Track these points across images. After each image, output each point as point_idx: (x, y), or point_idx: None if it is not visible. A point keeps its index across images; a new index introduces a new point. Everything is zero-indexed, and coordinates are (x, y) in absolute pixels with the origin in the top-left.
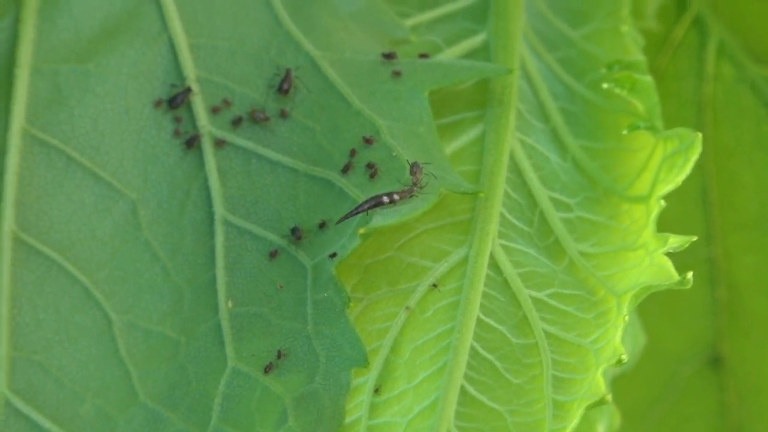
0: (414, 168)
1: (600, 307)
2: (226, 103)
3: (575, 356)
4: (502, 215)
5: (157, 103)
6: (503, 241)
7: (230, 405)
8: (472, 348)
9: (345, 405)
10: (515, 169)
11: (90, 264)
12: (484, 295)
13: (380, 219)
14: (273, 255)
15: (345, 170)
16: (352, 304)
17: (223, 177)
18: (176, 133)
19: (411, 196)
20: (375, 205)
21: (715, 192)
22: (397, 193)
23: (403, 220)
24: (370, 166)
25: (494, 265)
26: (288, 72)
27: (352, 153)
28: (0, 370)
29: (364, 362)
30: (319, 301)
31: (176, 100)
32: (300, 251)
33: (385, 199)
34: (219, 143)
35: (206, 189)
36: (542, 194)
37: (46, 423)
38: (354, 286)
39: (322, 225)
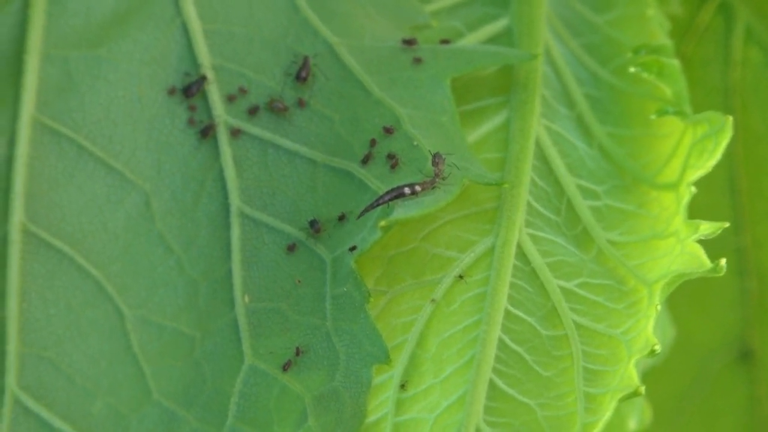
0: (436, 158)
1: (631, 297)
2: (242, 91)
3: (606, 347)
4: (528, 204)
5: (171, 91)
6: (530, 230)
7: (247, 404)
8: (501, 340)
9: (366, 403)
10: (541, 156)
11: (102, 257)
12: (512, 285)
13: (402, 211)
14: (291, 248)
15: (365, 161)
16: (375, 297)
17: (239, 167)
18: (191, 122)
19: (433, 188)
20: (396, 197)
21: (744, 180)
22: (419, 184)
23: (425, 213)
24: (390, 156)
25: (521, 254)
26: (306, 59)
27: (372, 143)
28: (9, 367)
29: (385, 359)
30: (338, 296)
31: (191, 90)
32: (319, 245)
33: (407, 190)
34: (235, 133)
35: (221, 180)
36: (569, 182)
37: (56, 421)
38: (377, 279)
39: (342, 217)
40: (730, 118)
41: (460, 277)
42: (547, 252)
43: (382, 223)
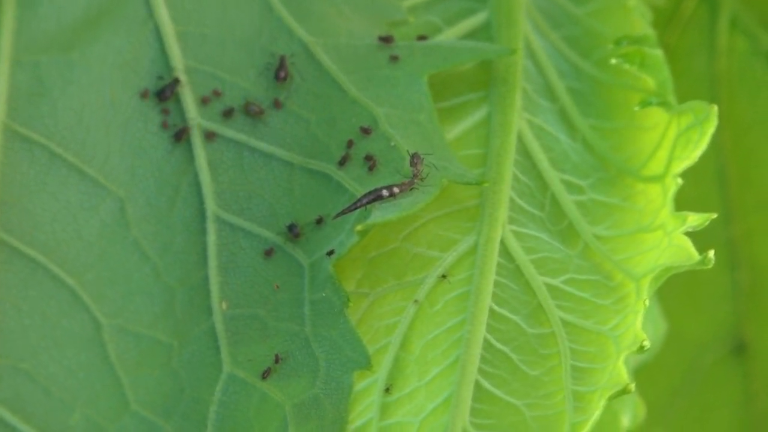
0: (414, 159)
1: (618, 292)
2: (216, 93)
3: (594, 344)
4: (511, 200)
5: (144, 94)
6: (514, 227)
7: (227, 413)
8: (486, 340)
9: (347, 410)
10: (524, 150)
11: (77, 265)
12: (496, 284)
13: (380, 214)
14: (268, 253)
15: (342, 162)
16: (357, 300)
17: (214, 171)
18: (164, 126)
19: (411, 189)
20: (374, 200)
21: (733, 170)
22: (396, 186)
23: (403, 215)
24: (368, 158)
25: (505, 252)
26: (283, 59)
27: (350, 144)
28: None
29: (366, 364)
30: (317, 301)
31: (165, 93)
32: (297, 249)
33: (385, 192)
34: (209, 136)
35: (196, 184)
36: (553, 176)
37: None
38: (359, 281)
39: (320, 221)
40: (715, 107)
41: (443, 276)
42: (531, 248)
43: (359, 227)
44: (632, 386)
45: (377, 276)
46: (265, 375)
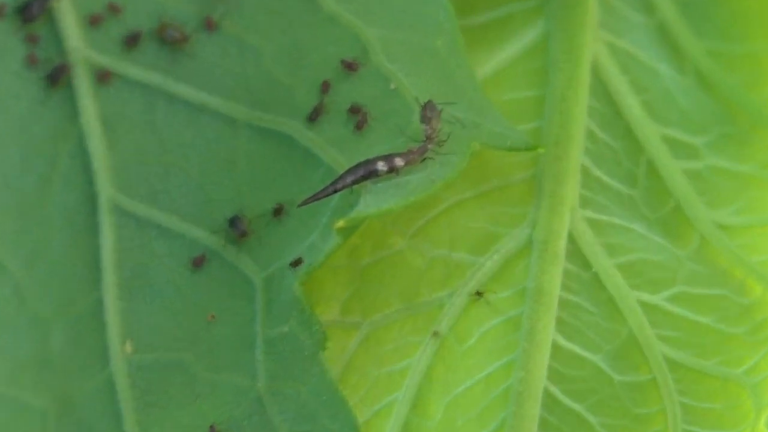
0: (428, 110)
1: (756, 314)
2: (113, 9)
3: (720, 398)
4: (584, 169)
5: None
6: (589, 213)
7: None
8: (548, 393)
9: None
10: (603, 91)
11: None
12: (563, 303)
13: (373, 201)
14: (197, 263)
15: (313, 117)
16: (342, 336)
17: (111, 133)
18: (31, 61)
19: (424, 160)
20: (365, 177)
21: None
22: (400, 155)
23: (411, 202)
24: (354, 109)
25: (577, 253)
26: None
27: (325, 87)
28: None
29: None
30: (275, 339)
31: (31, 11)
32: (243, 256)
33: (381, 166)
34: (102, 77)
35: (83, 155)
36: (650, 132)
37: None
38: (345, 304)
39: (279, 211)
40: None
41: (478, 294)
42: (617, 247)
43: (341, 222)
44: None
45: (375, 296)
46: None
